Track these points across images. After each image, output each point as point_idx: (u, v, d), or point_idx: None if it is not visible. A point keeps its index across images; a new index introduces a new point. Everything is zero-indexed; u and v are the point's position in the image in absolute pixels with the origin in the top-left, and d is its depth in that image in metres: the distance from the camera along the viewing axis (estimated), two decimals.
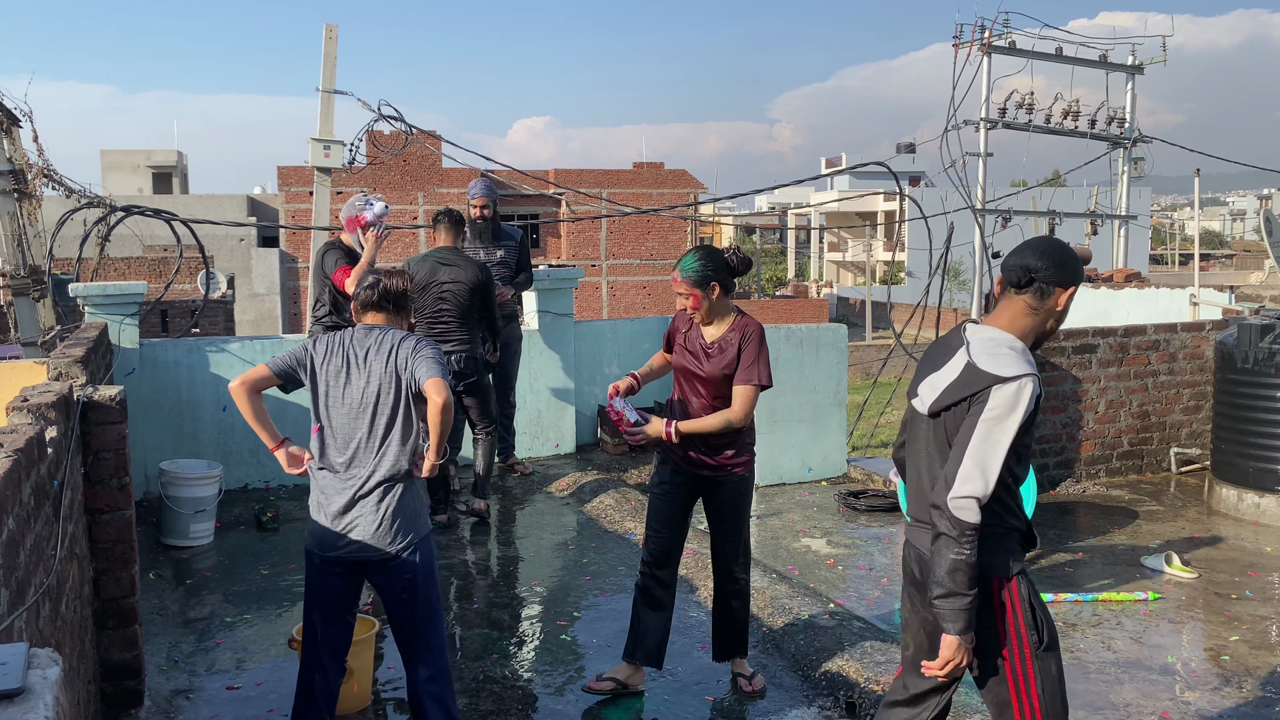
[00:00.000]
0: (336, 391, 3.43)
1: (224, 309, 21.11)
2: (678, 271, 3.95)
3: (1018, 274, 2.69)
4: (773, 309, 46.02)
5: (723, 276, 3.93)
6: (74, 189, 11.61)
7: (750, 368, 3.90)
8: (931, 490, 2.67)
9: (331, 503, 3.36)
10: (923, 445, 2.76)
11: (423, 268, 6.22)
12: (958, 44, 19.05)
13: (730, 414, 3.89)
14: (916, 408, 2.79)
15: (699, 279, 3.90)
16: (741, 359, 3.90)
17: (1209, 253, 68.45)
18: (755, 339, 3.93)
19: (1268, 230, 9.75)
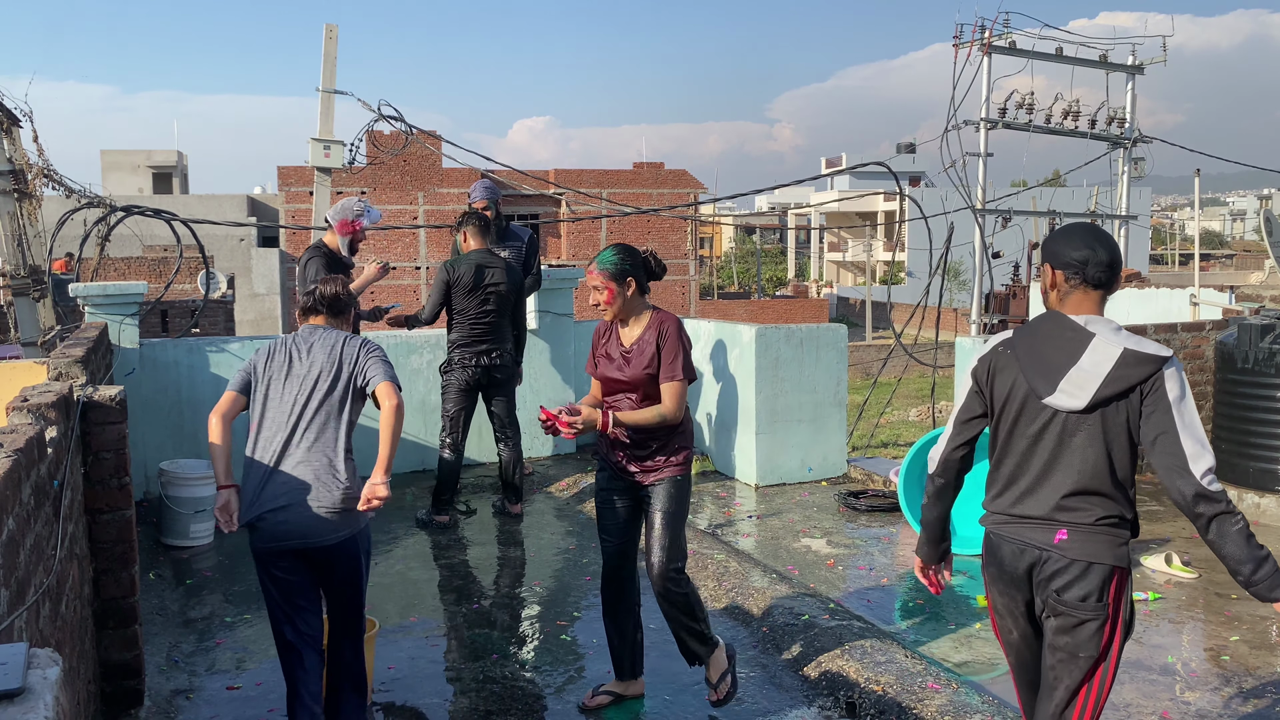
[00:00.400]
0: (278, 385, 3.54)
1: (224, 309, 21.10)
2: (594, 265, 3.88)
3: (1106, 274, 2.77)
4: (773, 309, 46.01)
5: (639, 274, 3.88)
6: (74, 189, 11.62)
7: (672, 364, 3.83)
8: (1066, 481, 2.69)
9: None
10: (1057, 442, 2.72)
11: (467, 270, 6.25)
12: (958, 44, 19.05)
13: (663, 409, 3.82)
14: (1056, 405, 2.71)
15: (616, 272, 3.84)
16: (662, 357, 3.84)
17: (1209, 253, 68.45)
18: (672, 335, 3.86)
19: (1268, 230, 9.75)
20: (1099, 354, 2.69)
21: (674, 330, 3.88)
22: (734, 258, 73.57)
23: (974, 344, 7.00)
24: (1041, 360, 2.76)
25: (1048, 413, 2.73)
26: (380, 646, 4.65)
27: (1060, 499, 2.69)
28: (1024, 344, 2.83)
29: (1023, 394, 2.78)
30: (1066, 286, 2.79)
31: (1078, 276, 2.76)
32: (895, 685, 3.99)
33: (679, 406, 3.85)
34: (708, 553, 5.68)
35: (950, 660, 4.44)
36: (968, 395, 2.95)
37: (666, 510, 3.92)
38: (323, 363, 3.53)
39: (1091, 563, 2.66)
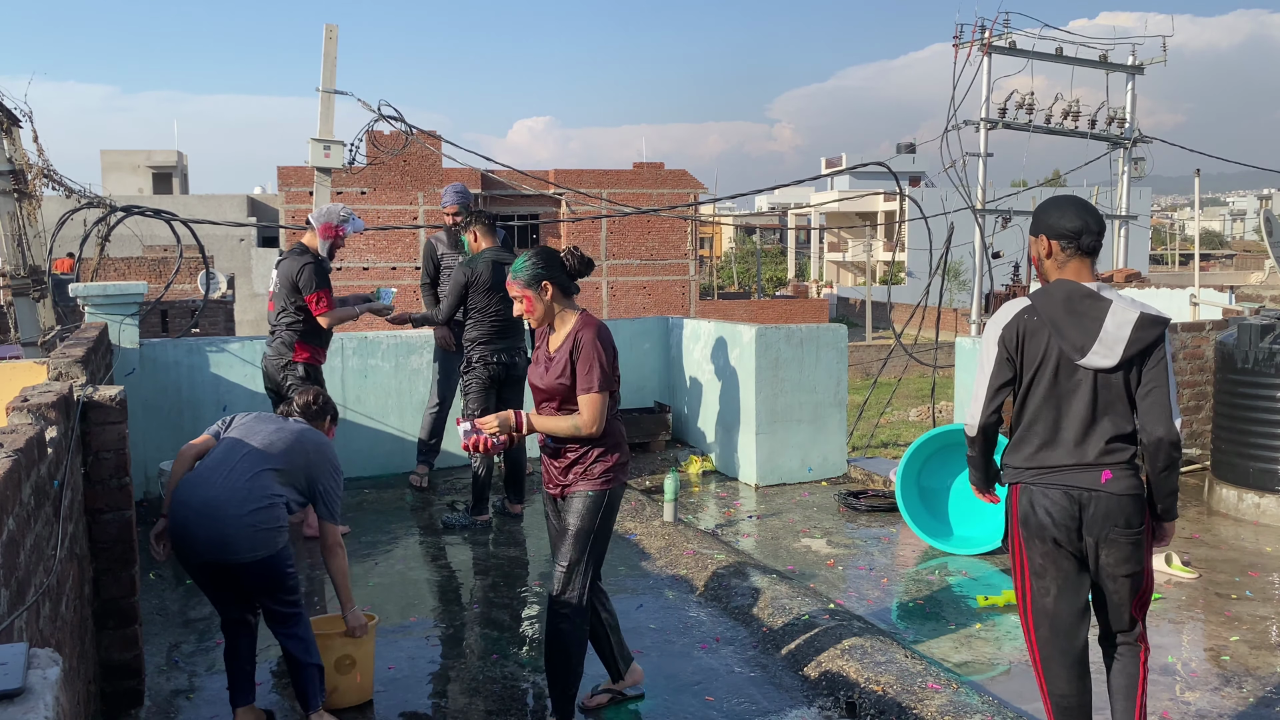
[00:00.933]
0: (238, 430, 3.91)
1: (224, 309, 21.12)
2: (510, 273, 3.77)
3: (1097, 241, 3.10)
4: (773, 309, 46.02)
5: (556, 275, 3.73)
6: (74, 189, 11.61)
7: (587, 375, 3.64)
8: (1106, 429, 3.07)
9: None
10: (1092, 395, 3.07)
11: (485, 268, 6.25)
12: (958, 44, 19.06)
13: (578, 421, 3.66)
14: (1091, 365, 3.04)
15: (530, 278, 3.71)
16: (577, 369, 3.66)
17: (1209, 253, 68.43)
18: (587, 344, 3.67)
19: (1268, 230, 9.75)
20: (1119, 317, 3.03)
21: (589, 339, 3.68)
22: (734, 258, 73.59)
23: (974, 344, 6.99)
24: (1070, 325, 3.05)
25: (1081, 372, 3.05)
26: (380, 646, 4.65)
27: (1104, 445, 3.05)
28: (1048, 310, 3.08)
29: (1056, 356, 3.07)
30: (1064, 255, 3.10)
31: (1073, 246, 3.08)
32: (895, 685, 3.99)
33: (595, 419, 3.65)
34: (708, 553, 5.68)
35: (950, 660, 4.44)
36: (997, 362, 3.15)
37: (569, 526, 3.73)
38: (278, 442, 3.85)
39: (1133, 495, 3.07)
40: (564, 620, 3.74)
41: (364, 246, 42.58)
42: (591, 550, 3.77)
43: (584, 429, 3.66)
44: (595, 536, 3.76)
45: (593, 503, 3.74)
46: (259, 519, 3.61)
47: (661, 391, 8.59)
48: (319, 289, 5.87)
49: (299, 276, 5.88)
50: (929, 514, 6.20)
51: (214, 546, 3.58)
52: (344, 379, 7.36)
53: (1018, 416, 3.16)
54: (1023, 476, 3.14)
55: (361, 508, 6.88)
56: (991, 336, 3.17)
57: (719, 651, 4.58)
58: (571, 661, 3.76)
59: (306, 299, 5.87)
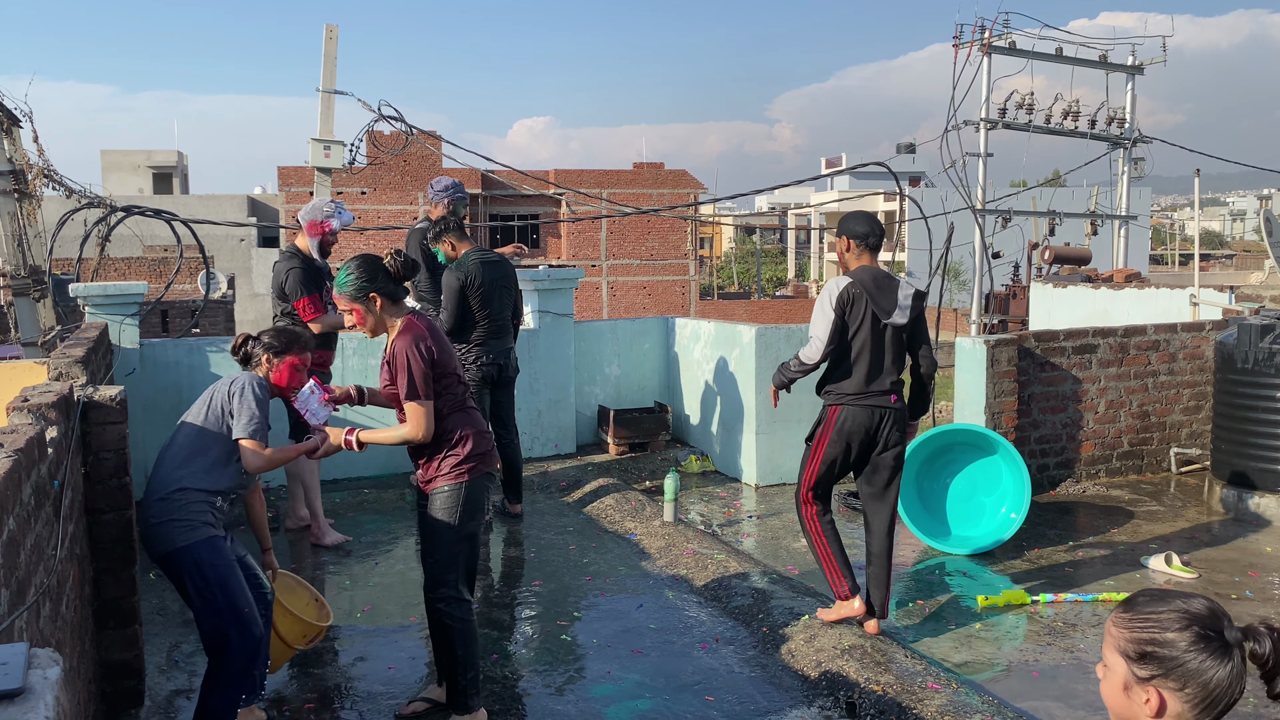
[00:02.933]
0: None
1: (224, 309, 21.12)
2: (335, 287, 3.73)
3: (880, 241, 4.61)
4: (772, 309, 46.02)
5: (382, 285, 3.68)
6: (74, 189, 11.61)
7: (406, 384, 3.62)
8: (895, 367, 4.54)
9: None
10: (889, 344, 4.50)
11: (475, 270, 6.16)
12: (958, 44, 19.06)
13: (405, 431, 3.68)
14: (893, 322, 4.47)
15: (356, 292, 3.66)
16: (396, 379, 3.65)
17: (1209, 253, 68.44)
18: (399, 352, 3.63)
19: (1268, 230, 9.75)
20: (905, 291, 4.50)
21: (400, 348, 3.64)
22: (734, 258, 73.58)
23: (974, 344, 7.00)
24: (880, 295, 4.45)
25: (885, 328, 4.47)
26: (380, 646, 4.66)
27: (894, 379, 4.52)
28: (865, 285, 4.46)
29: (871, 316, 4.45)
30: (858, 250, 4.55)
31: (863, 244, 4.55)
32: (895, 685, 3.99)
33: (420, 427, 3.64)
34: (708, 553, 5.68)
35: (950, 659, 4.44)
36: (833, 321, 4.46)
37: (430, 521, 3.76)
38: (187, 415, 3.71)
39: (903, 409, 4.59)
40: (441, 614, 3.78)
41: (364, 247, 42.55)
42: (459, 544, 3.77)
43: (411, 436, 3.67)
44: (458, 531, 3.75)
45: (449, 500, 3.74)
46: (158, 511, 3.53)
47: (661, 391, 8.60)
48: (305, 295, 5.71)
49: (285, 281, 5.74)
50: (928, 514, 6.20)
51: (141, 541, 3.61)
52: (344, 379, 7.35)
53: (842, 356, 4.51)
54: (844, 400, 4.51)
55: (361, 507, 6.88)
56: (828, 301, 4.46)
57: (719, 651, 4.58)
58: (457, 649, 3.78)
59: (295, 305, 5.73)
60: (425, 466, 3.79)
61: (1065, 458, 7.36)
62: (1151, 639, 1.71)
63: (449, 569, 3.77)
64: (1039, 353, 7.16)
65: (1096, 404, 7.43)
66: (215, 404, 3.64)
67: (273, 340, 3.80)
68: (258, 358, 3.78)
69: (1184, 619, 1.71)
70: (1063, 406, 7.30)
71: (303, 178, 39.48)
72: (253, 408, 3.59)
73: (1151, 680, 1.72)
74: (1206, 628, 1.73)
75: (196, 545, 3.52)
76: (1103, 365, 7.43)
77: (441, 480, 3.74)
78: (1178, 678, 1.73)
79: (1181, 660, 1.72)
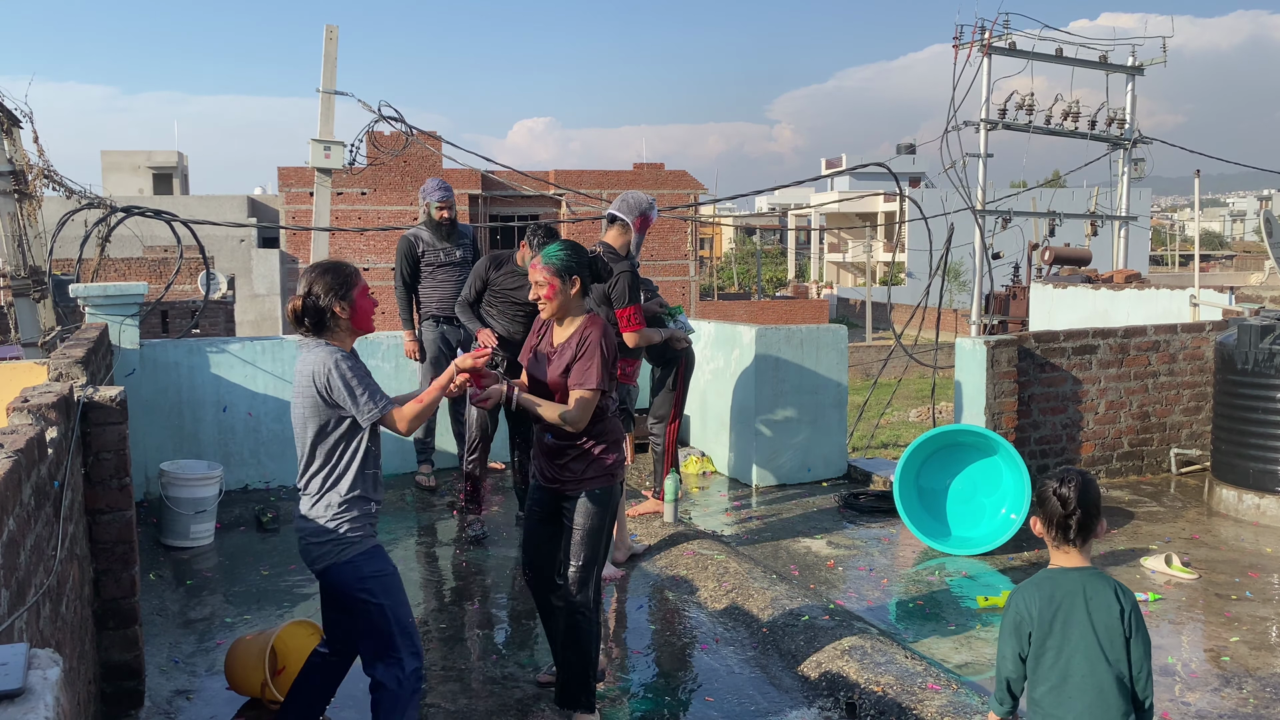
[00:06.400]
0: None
1: (224, 310, 21.12)
2: (539, 257, 3.71)
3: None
4: (773, 310, 46.01)
5: (585, 274, 3.76)
6: (74, 190, 11.62)
7: (585, 372, 3.65)
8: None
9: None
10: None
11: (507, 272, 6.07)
12: (958, 45, 19.06)
13: (565, 411, 3.65)
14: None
15: (562, 268, 3.69)
16: (577, 364, 3.67)
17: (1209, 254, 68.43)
18: (593, 342, 3.68)
19: (1268, 231, 9.75)
20: None
21: (595, 336, 3.70)
22: (734, 258, 73.57)
23: (974, 345, 7.00)
24: None
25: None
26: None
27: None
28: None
29: None
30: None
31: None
32: (895, 685, 3.99)
33: (585, 415, 3.66)
34: (707, 553, 5.68)
35: (950, 660, 4.44)
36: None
37: (580, 524, 3.77)
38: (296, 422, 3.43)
39: None
40: (582, 617, 3.79)
41: (364, 247, 42.55)
42: (602, 547, 3.82)
43: (572, 421, 3.66)
44: (606, 530, 3.81)
45: (601, 500, 3.78)
46: (304, 526, 3.37)
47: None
48: (632, 303, 5.29)
49: (613, 287, 5.21)
50: (928, 514, 6.20)
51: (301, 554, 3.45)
52: None
53: None
54: None
55: None
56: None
57: (719, 651, 4.58)
58: (590, 655, 3.81)
59: (618, 313, 5.26)
60: (571, 465, 3.76)
61: (1065, 458, 7.36)
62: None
63: (595, 568, 3.80)
64: (1039, 353, 7.16)
65: (1097, 405, 7.43)
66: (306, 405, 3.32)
67: (330, 283, 3.34)
68: (329, 309, 3.34)
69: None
70: (1063, 407, 7.31)
71: (303, 178, 39.47)
72: (355, 382, 3.27)
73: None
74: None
75: (356, 561, 3.34)
76: (1103, 366, 7.43)
77: (596, 481, 3.76)
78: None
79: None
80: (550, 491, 3.86)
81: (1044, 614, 2.67)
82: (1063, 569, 2.74)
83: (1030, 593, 2.72)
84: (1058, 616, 2.66)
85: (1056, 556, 2.77)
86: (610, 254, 5.31)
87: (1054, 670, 2.66)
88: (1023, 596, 2.72)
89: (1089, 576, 2.71)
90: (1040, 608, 2.67)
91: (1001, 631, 2.78)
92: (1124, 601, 2.65)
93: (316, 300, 3.32)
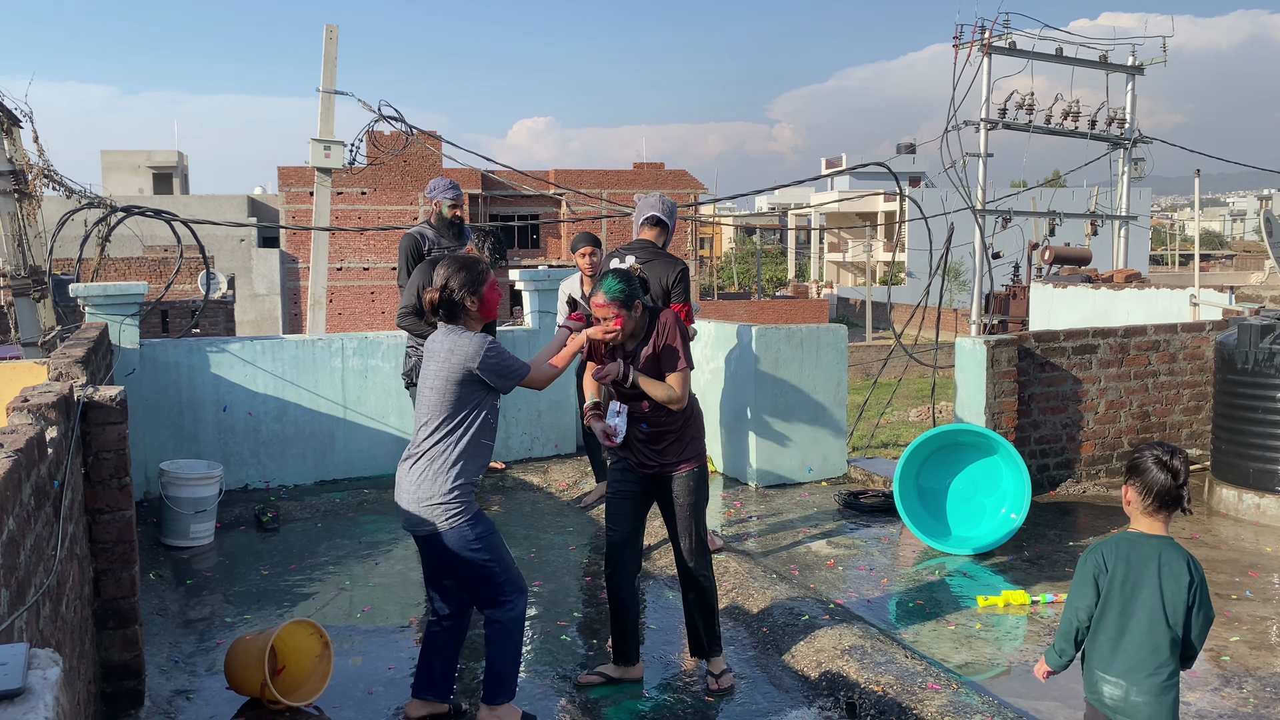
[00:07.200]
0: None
1: (224, 309, 21.13)
2: (601, 294, 3.99)
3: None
4: (773, 309, 46.00)
5: (640, 294, 4.10)
6: (74, 189, 11.62)
7: (673, 354, 4.06)
8: None
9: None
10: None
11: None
12: (958, 45, 19.07)
13: (674, 391, 4.03)
14: None
15: (626, 299, 4.00)
16: (665, 350, 4.07)
17: (1209, 253, 68.41)
18: (671, 326, 4.08)
19: (1268, 231, 9.75)
20: None
21: (673, 323, 4.09)
22: (734, 258, 73.59)
23: (974, 344, 7.00)
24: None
25: None
26: (380, 646, 4.66)
27: None
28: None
29: None
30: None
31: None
32: (895, 685, 3.99)
33: (684, 391, 4.07)
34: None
35: (950, 660, 4.44)
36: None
37: (685, 501, 4.17)
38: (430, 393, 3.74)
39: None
40: (704, 578, 4.24)
41: (364, 247, 42.55)
42: (704, 518, 4.27)
43: (679, 398, 4.06)
44: (704, 505, 4.26)
45: (698, 481, 4.20)
46: (423, 492, 3.66)
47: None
48: (688, 299, 5.42)
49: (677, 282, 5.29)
50: (928, 514, 6.20)
51: (405, 520, 3.76)
52: (344, 379, 7.36)
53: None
54: None
55: (361, 507, 6.89)
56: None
57: None
58: (715, 608, 4.29)
59: (674, 307, 5.20)
60: (670, 449, 4.14)
61: (1065, 458, 7.37)
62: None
63: (703, 537, 4.25)
64: (1039, 353, 7.16)
65: (1096, 404, 7.43)
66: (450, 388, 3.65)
67: (465, 279, 3.74)
68: (461, 302, 3.74)
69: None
70: (1063, 407, 7.31)
71: (303, 178, 39.47)
72: (503, 360, 3.68)
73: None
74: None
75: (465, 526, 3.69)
76: (1103, 366, 7.43)
77: (692, 462, 4.18)
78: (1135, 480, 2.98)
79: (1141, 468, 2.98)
80: (647, 477, 4.20)
81: (1117, 570, 2.90)
82: (1143, 534, 2.94)
83: (1110, 549, 2.93)
84: (1129, 577, 2.88)
85: (1140, 523, 2.96)
86: (656, 250, 5.44)
87: (1115, 624, 2.89)
88: (1102, 552, 2.94)
89: (1166, 545, 2.90)
90: (1115, 564, 2.90)
91: (1077, 584, 2.96)
92: (1194, 574, 2.87)
93: (451, 294, 3.73)
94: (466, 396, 3.67)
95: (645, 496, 4.26)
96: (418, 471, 3.68)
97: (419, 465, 3.68)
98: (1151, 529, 2.94)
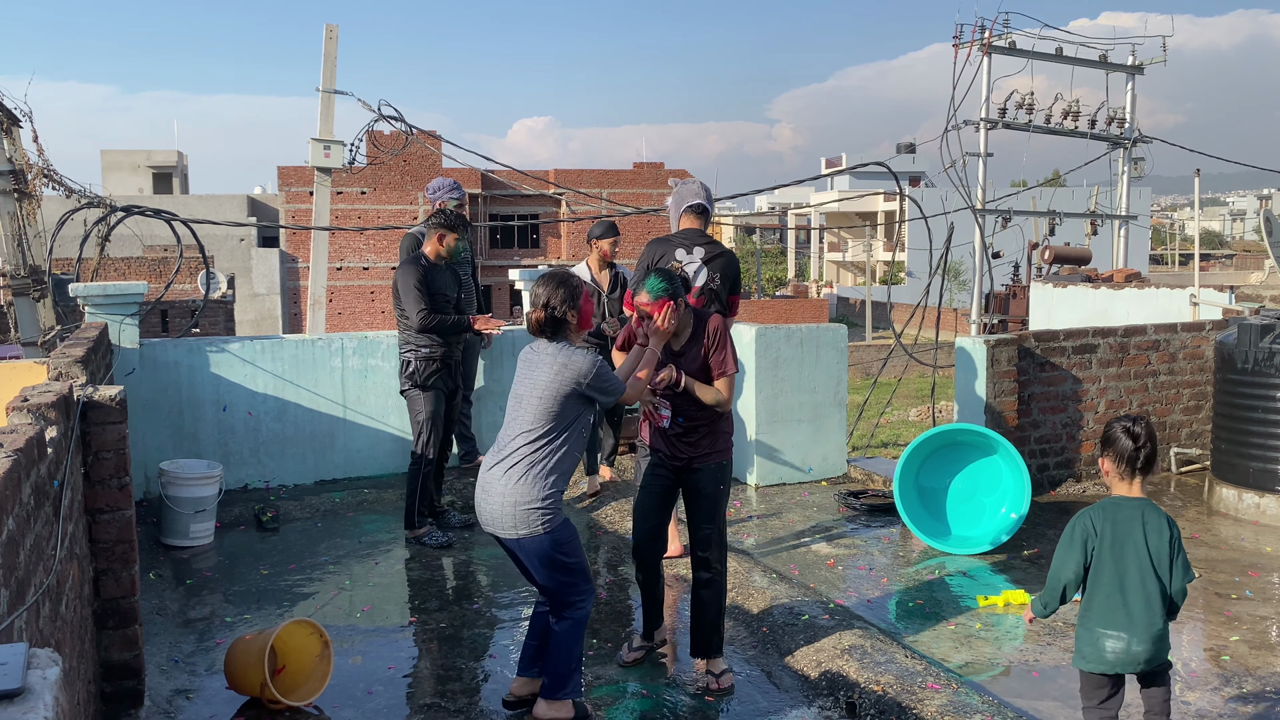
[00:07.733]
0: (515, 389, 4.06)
1: (224, 309, 21.13)
2: (645, 293, 4.09)
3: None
4: (773, 309, 46.00)
5: (683, 294, 4.21)
6: (74, 189, 11.62)
7: (722, 360, 4.23)
8: None
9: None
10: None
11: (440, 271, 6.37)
12: (958, 44, 19.07)
13: (720, 395, 4.23)
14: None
15: (675, 293, 4.11)
16: (714, 355, 4.23)
17: (1209, 253, 68.44)
18: (722, 332, 4.24)
19: (1268, 230, 9.75)
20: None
21: (724, 329, 4.27)
22: None
23: (974, 344, 7.00)
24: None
25: None
26: (380, 646, 4.66)
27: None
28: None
29: None
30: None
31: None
32: (895, 685, 3.99)
33: (731, 395, 4.28)
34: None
35: (950, 660, 4.44)
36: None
37: (710, 492, 4.29)
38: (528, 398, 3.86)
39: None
40: (715, 572, 4.32)
41: (364, 246, 42.56)
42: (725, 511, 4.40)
43: (726, 400, 4.26)
44: (728, 498, 4.41)
45: (724, 473, 4.35)
46: (520, 495, 3.72)
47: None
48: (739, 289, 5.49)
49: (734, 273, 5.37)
50: (928, 514, 6.20)
51: (491, 521, 3.81)
52: (344, 379, 7.36)
53: None
54: None
55: (361, 507, 6.88)
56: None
57: None
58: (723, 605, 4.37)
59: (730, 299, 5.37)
60: (702, 442, 4.28)
61: (1065, 458, 7.37)
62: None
63: (722, 531, 4.37)
64: (1039, 353, 7.16)
65: (1097, 404, 7.43)
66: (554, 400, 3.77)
67: (564, 296, 3.89)
68: (564, 318, 3.88)
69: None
70: (1063, 406, 7.31)
71: (303, 178, 39.47)
72: (606, 378, 3.85)
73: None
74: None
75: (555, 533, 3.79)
76: (1103, 365, 7.43)
77: (719, 455, 4.33)
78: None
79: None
80: (676, 468, 4.32)
81: (1105, 533, 3.22)
82: (1124, 498, 3.28)
83: (1097, 514, 3.26)
84: (1118, 537, 3.21)
85: (1119, 488, 3.30)
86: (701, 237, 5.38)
87: (1111, 580, 3.21)
88: (1090, 516, 3.26)
89: (1146, 506, 3.25)
90: (1103, 527, 3.23)
91: (1065, 545, 3.28)
92: (1173, 530, 3.24)
93: (553, 311, 3.87)
94: (572, 410, 3.81)
95: (673, 491, 4.41)
96: (515, 475, 3.74)
97: (516, 469, 3.75)
98: (1130, 492, 3.28)
